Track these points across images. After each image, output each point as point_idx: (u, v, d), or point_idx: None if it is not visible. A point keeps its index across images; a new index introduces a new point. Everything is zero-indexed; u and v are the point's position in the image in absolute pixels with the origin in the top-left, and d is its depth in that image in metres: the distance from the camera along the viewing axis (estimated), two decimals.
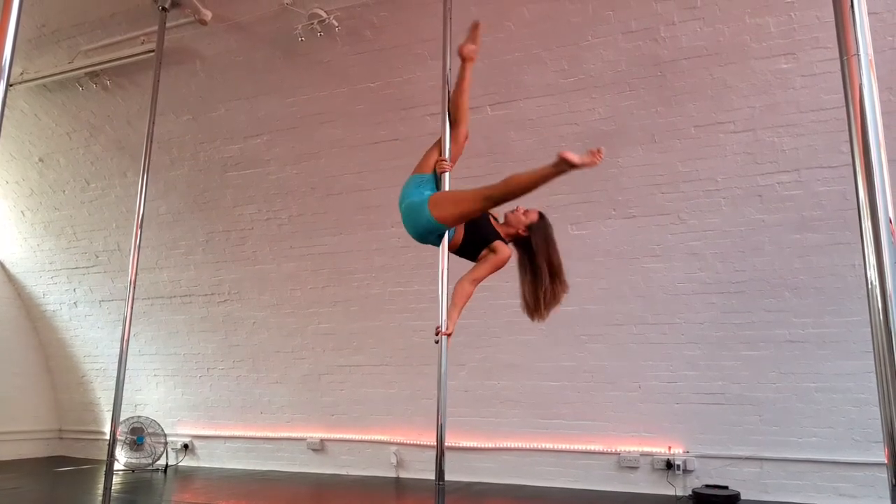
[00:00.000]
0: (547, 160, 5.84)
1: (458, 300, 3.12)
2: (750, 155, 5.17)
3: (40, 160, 7.54)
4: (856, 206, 5.13)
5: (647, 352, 5.66)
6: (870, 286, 1.91)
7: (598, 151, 2.71)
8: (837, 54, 2.19)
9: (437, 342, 3.17)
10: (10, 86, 6.59)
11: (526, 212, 3.22)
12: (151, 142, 4.83)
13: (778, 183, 5.15)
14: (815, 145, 4.98)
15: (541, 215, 3.23)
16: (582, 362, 5.87)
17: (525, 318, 6.33)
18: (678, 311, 5.56)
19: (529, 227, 3.18)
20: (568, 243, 5.82)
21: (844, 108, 4.92)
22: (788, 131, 5.02)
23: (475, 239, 3.18)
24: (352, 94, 6.00)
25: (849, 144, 4.95)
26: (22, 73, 6.66)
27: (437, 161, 3.37)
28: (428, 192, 3.15)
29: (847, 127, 2.05)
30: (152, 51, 5.42)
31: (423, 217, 3.04)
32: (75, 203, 7.64)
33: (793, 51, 4.81)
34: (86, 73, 6.46)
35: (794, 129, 5.01)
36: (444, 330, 3.12)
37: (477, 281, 3.13)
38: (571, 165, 2.71)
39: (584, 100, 5.38)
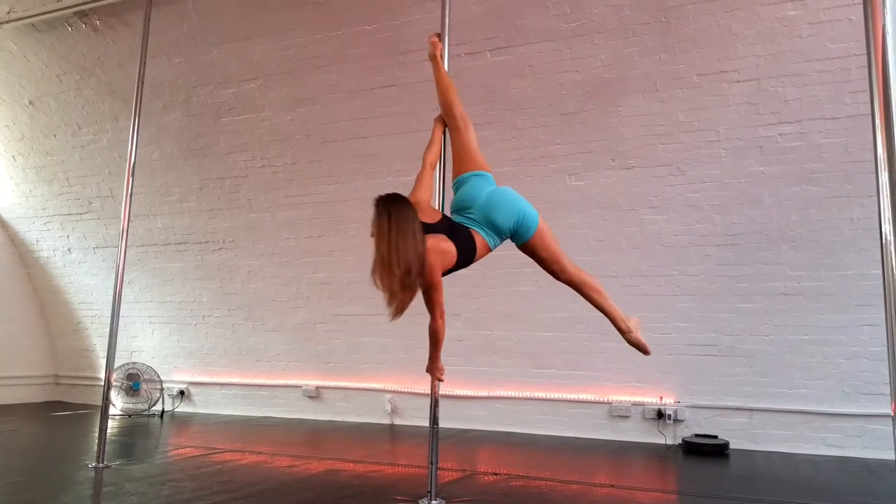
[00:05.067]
0: (546, 108, 5.71)
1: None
2: (753, 105, 5.09)
3: (30, 103, 7.40)
4: (859, 160, 5.01)
5: (642, 303, 5.66)
6: (884, 241, 1.83)
7: None
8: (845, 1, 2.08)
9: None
10: None
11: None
12: (143, 85, 4.71)
13: (779, 134, 5.08)
14: (818, 96, 4.90)
15: None
16: (576, 313, 5.87)
17: (521, 269, 6.29)
18: (673, 262, 5.55)
19: None
20: (565, 194, 5.78)
21: (850, 59, 4.79)
22: (793, 81, 4.93)
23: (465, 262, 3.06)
24: (348, 38, 5.85)
25: (853, 96, 4.84)
26: (9, 13, 6.49)
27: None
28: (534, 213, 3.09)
29: (867, 71, 1.90)
30: None
31: (524, 226, 3.05)
32: (67, 148, 7.53)
33: None
34: (74, 13, 6.30)
35: (798, 78, 4.91)
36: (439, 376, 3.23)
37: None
38: None
39: (586, 45, 5.26)
